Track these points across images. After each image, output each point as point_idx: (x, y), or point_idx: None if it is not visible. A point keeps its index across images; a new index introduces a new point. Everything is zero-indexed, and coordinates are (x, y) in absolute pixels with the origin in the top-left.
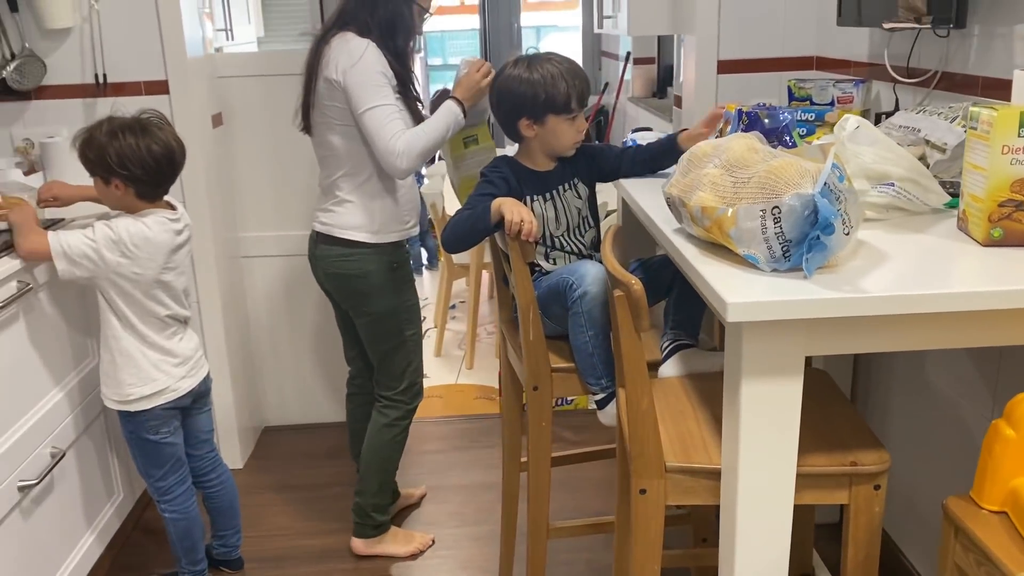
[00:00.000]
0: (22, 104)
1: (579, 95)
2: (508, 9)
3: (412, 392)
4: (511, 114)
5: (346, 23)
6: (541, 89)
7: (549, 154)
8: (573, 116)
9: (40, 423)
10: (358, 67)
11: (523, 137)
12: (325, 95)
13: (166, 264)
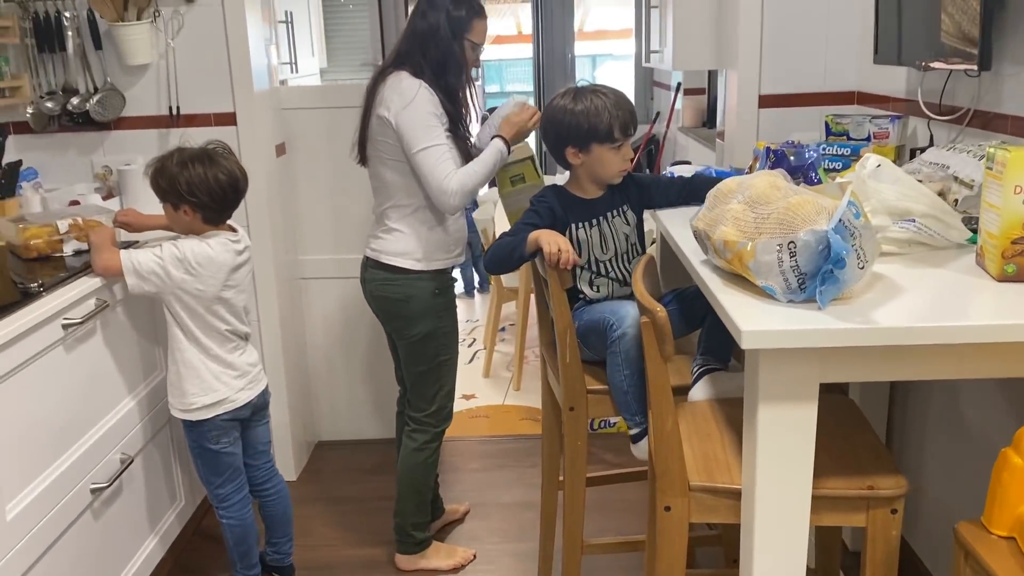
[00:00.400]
0: (103, 134)
1: (623, 125)
2: (562, 39)
3: (441, 416)
4: (558, 143)
5: (401, 63)
6: (585, 119)
7: (596, 181)
8: (618, 145)
9: (112, 430)
10: (410, 108)
11: (571, 165)
12: (378, 131)
13: (227, 282)
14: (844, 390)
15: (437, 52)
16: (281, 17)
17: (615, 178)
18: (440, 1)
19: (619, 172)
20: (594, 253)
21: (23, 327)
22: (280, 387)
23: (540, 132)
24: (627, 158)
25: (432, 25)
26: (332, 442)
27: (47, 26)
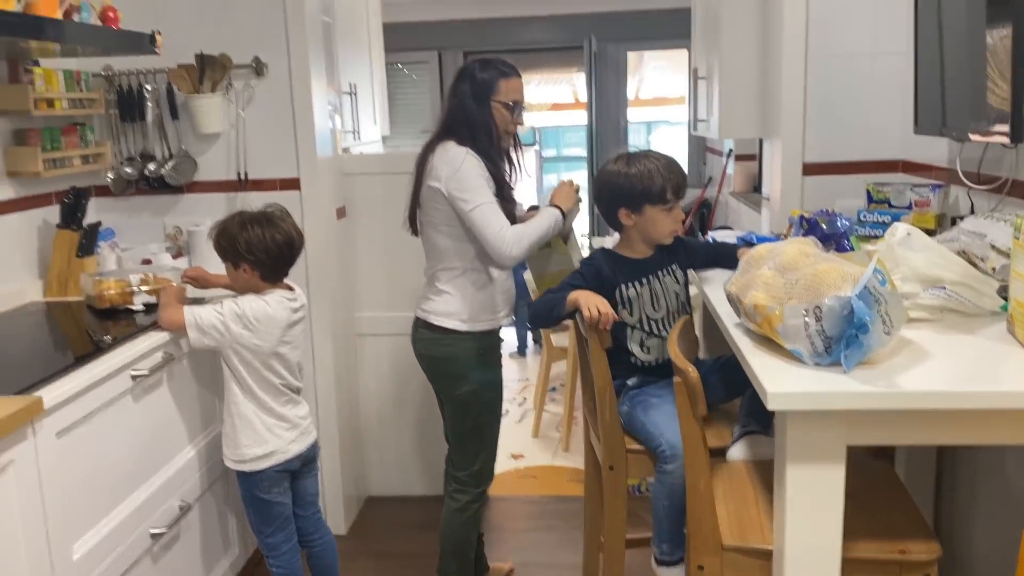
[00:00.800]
0: (176, 197)
1: (674, 187)
2: (615, 106)
3: (481, 476)
4: (612, 204)
5: (446, 134)
6: (638, 182)
7: (647, 242)
8: (669, 207)
9: (173, 478)
10: (458, 174)
11: (623, 226)
12: (429, 200)
13: (282, 338)
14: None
15: (471, 119)
16: (346, 88)
17: (666, 238)
18: (469, 68)
19: (670, 232)
20: (645, 311)
21: (95, 377)
22: (332, 441)
23: (593, 196)
24: (678, 219)
25: (462, 93)
26: (382, 497)
27: (129, 98)
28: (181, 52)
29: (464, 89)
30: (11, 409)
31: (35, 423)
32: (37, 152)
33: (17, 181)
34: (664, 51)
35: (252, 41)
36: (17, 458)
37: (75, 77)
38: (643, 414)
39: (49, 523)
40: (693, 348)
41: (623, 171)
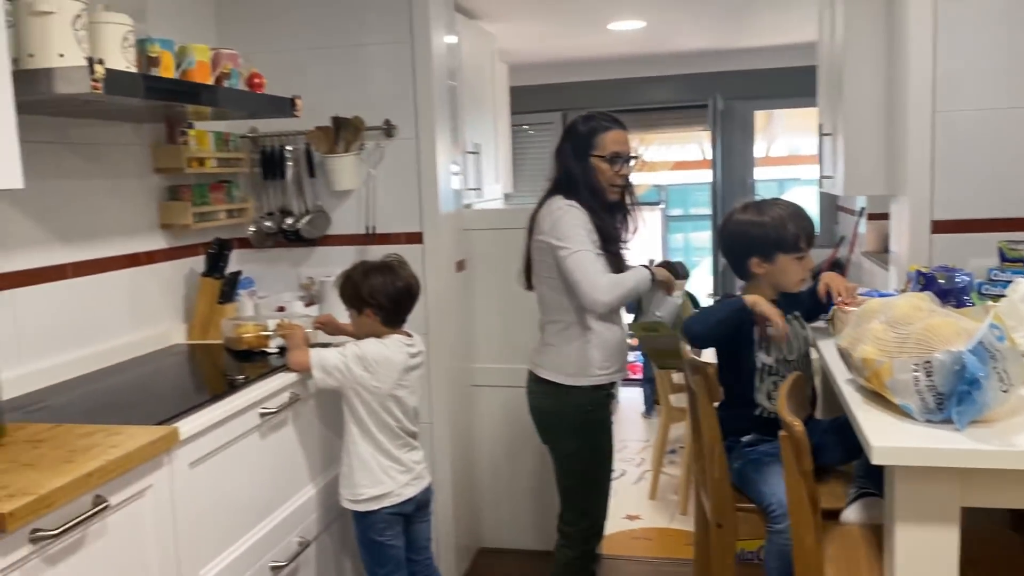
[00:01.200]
0: (310, 249)
1: (807, 236)
2: (742, 165)
3: (590, 532)
4: (743, 253)
5: (553, 191)
6: (771, 230)
7: (776, 290)
8: (801, 255)
9: (293, 514)
10: (558, 224)
11: (752, 275)
12: (536, 253)
13: (399, 381)
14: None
15: (572, 175)
16: (470, 148)
17: (795, 287)
18: (572, 125)
19: (800, 282)
20: (783, 351)
21: (227, 412)
22: (446, 489)
23: (721, 246)
24: (808, 268)
25: (565, 151)
26: (494, 549)
27: (271, 157)
28: (319, 115)
29: (566, 147)
30: (151, 438)
31: (171, 452)
32: (188, 207)
33: (169, 232)
34: (796, 109)
35: (384, 104)
36: (154, 483)
37: (224, 138)
38: (755, 472)
39: (180, 547)
40: (805, 406)
41: (754, 219)
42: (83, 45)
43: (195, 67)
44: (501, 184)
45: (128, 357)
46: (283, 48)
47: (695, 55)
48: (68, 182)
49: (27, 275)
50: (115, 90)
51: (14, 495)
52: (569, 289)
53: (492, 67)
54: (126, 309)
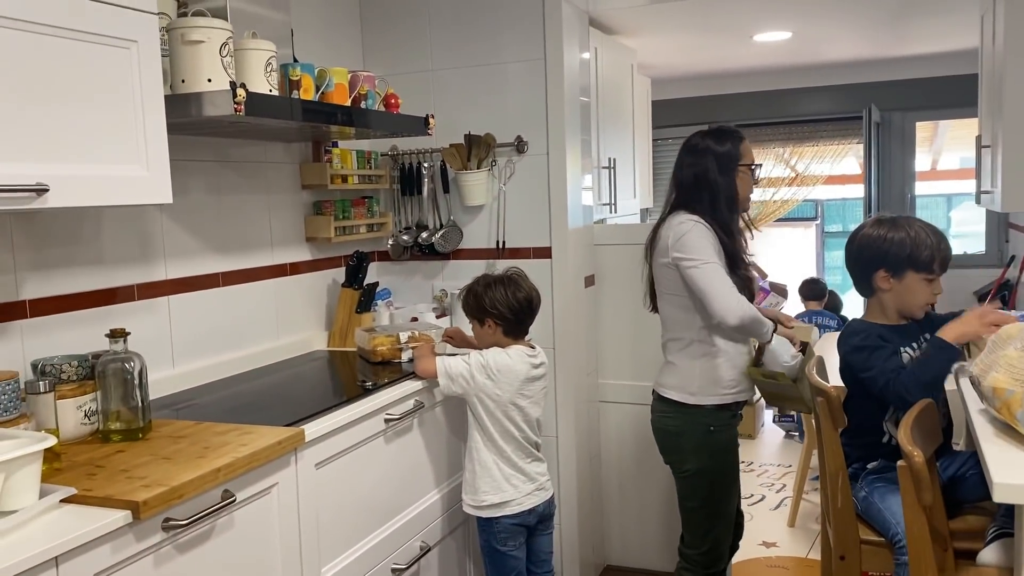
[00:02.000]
0: (443, 263)
1: (943, 260)
2: (901, 179)
3: (711, 557)
4: (870, 266)
5: (677, 206)
6: (909, 246)
7: (900, 311)
8: (932, 278)
9: (415, 519)
10: (683, 239)
11: (876, 290)
12: (659, 270)
13: (521, 390)
14: None
15: (715, 189)
16: (604, 163)
17: (919, 312)
18: (700, 146)
19: (924, 306)
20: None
21: (352, 417)
22: (571, 503)
23: (848, 259)
24: (936, 293)
25: (701, 171)
26: (620, 568)
27: (409, 174)
28: (455, 132)
29: (705, 167)
30: (278, 438)
31: (297, 452)
32: (331, 221)
33: (314, 245)
34: (965, 120)
35: (516, 121)
36: (280, 482)
37: (366, 156)
38: (880, 500)
39: (304, 544)
40: (935, 436)
41: (887, 234)
42: (229, 71)
43: (334, 89)
44: (639, 199)
45: (272, 361)
46: (422, 68)
47: (847, 65)
48: (225, 197)
49: (182, 283)
50: (255, 111)
51: (150, 485)
52: (695, 305)
53: (631, 81)
54: (272, 316)
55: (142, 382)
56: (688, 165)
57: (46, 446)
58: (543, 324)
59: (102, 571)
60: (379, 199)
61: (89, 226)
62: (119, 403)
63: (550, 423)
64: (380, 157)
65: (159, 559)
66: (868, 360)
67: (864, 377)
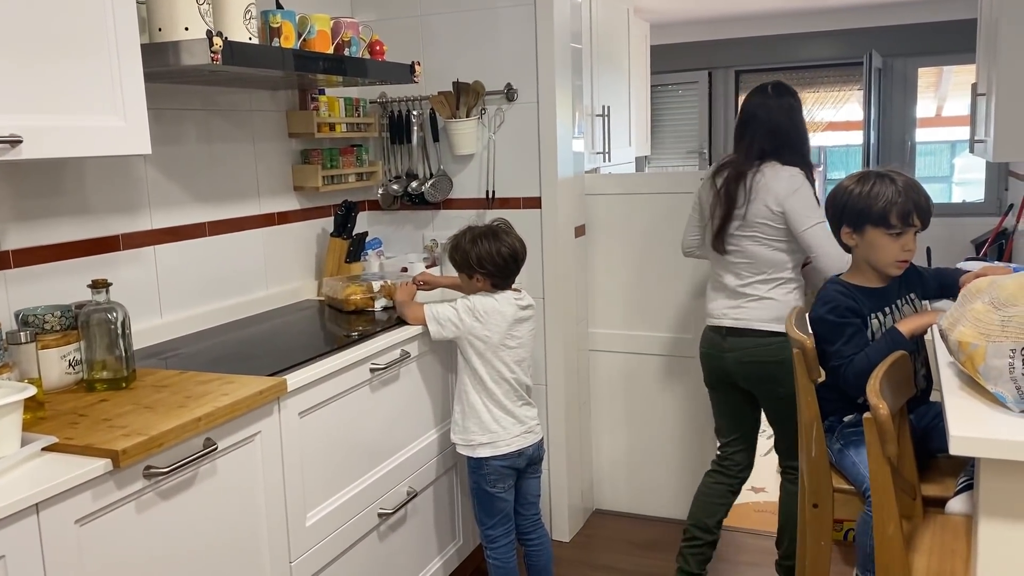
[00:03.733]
0: (433, 212)
1: (901, 213)
2: (902, 126)
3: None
4: (835, 221)
5: (769, 155)
6: (861, 200)
7: (874, 269)
8: (895, 232)
9: (402, 466)
10: (798, 195)
11: (847, 247)
12: (759, 217)
13: (509, 331)
14: None
15: (807, 146)
16: (598, 111)
17: (891, 268)
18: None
19: (894, 262)
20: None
21: (337, 367)
22: (561, 450)
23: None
24: (906, 248)
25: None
26: (610, 512)
27: (399, 122)
28: (444, 80)
29: (789, 104)
30: (260, 387)
31: (281, 401)
32: (318, 170)
33: (302, 194)
34: (970, 66)
35: (506, 69)
36: (264, 430)
37: (354, 104)
38: (855, 452)
39: (288, 490)
40: (907, 388)
41: (851, 187)
42: (207, 19)
43: (316, 36)
44: (634, 147)
45: (260, 311)
46: (411, 13)
47: (849, 9)
48: (211, 146)
49: (169, 232)
50: (233, 61)
51: (130, 434)
52: (790, 248)
53: (627, 26)
54: (260, 266)
55: (125, 332)
56: (782, 111)
57: (25, 396)
58: (532, 274)
59: (83, 517)
60: (368, 148)
61: (71, 176)
62: (104, 353)
63: (540, 371)
64: (369, 105)
65: (141, 506)
66: (831, 334)
67: (823, 348)
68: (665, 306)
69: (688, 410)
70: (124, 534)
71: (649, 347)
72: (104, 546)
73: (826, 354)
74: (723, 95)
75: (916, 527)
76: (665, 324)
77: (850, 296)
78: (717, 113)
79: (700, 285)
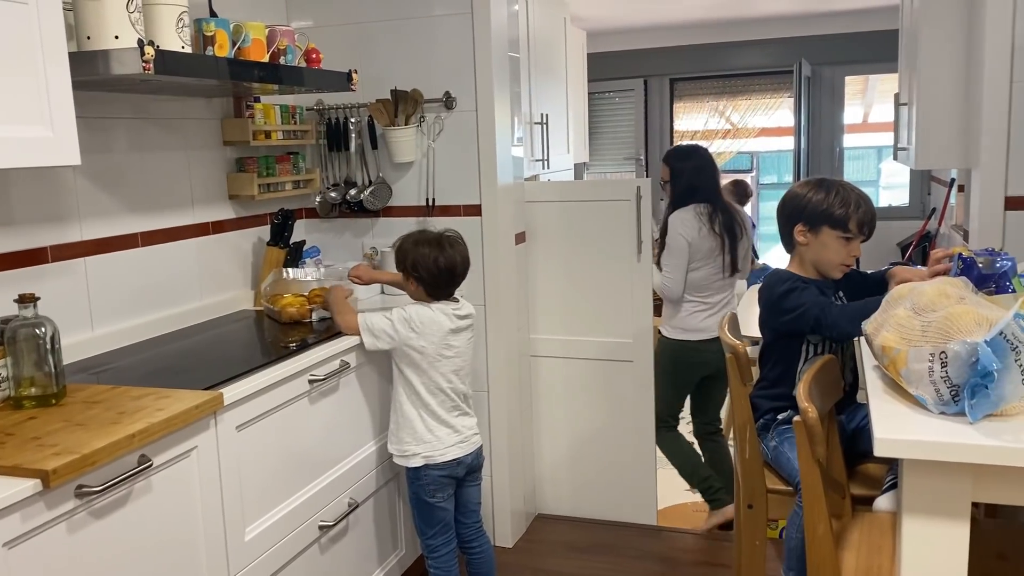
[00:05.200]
0: (373, 220)
1: (859, 222)
2: (831, 132)
3: None
4: (791, 218)
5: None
6: (823, 202)
7: (817, 267)
8: (847, 237)
9: (343, 477)
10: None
11: (796, 244)
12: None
13: (445, 341)
14: None
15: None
16: (536, 119)
17: (834, 271)
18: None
19: (839, 266)
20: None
21: (275, 379)
22: (503, 456)
23: (777, 214)
24: (853, 255)
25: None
26: (552, 516)
27: (336, 130)
28: (383, 87)
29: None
30: (196, 402)
31: (217, 415)
32: (253, 178)
33: (237, 203)
34: (895, 74)
35: (445, 76)
36: (200, 445)
37: (291, 111)
38: (790, 450)
39: (226, 505)
40: (836, 390)
41: (811, 190)
42: (138, 27)
43: (251, 44)
44: (573, 154)
45: (196, 322)
46: (349, 20)
47: (780, 19)
48: (144, 155)
49: (100, 244)
50: (166, 70)
51: (60, 453)
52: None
53: (564, 34)
54: (195, 276)
55: (54, 347)
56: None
57: None
58: (474, 281)
59: (12, 540)
60: (305, 155)
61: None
62: (32, 369)
63: (481, 378)
64: (305, 112)
65: (73, 526)
66: (800, 298)
67: (795, 315)
68: (602, 311)
69: (627, 412)
70: (56, 556)
71: (587, 352)
72: (35, 569)
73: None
74: (659, 103)
75: (845, 525)
76: (603, 329)
77: (801, 277)
78: (653, 120)
79: (635, 292)
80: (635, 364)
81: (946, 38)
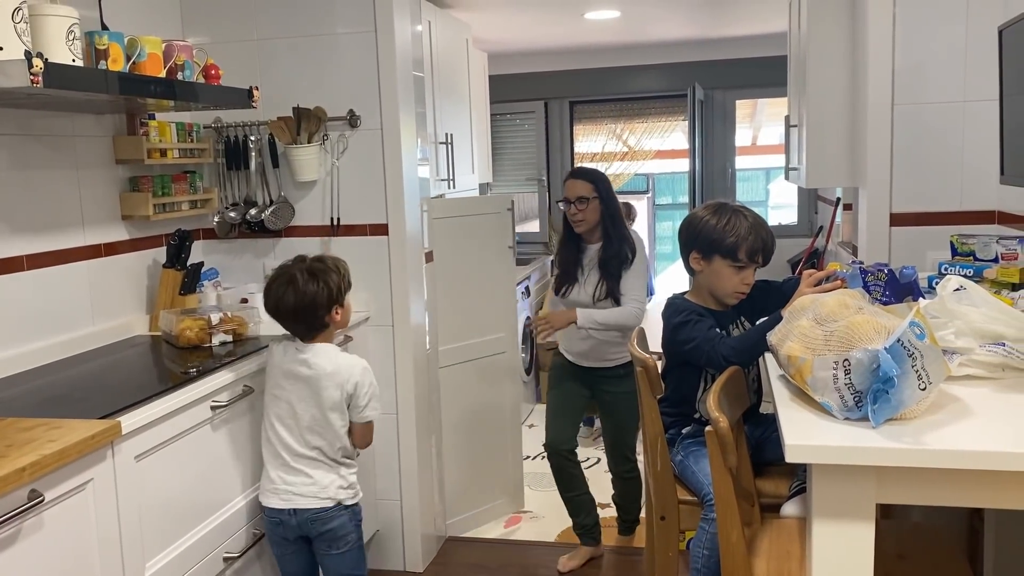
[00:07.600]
0: (275, 240)
1: (750, 250)
2: (723, 154)
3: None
4: (687, 245)
5: None
6: (714, 231)
7: (713, 295)
8: (739, 266)
9: (247, 506)
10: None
11: (693, 271)
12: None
13: (275, 380)
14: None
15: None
16: (441, 139)
17: (729, 298)
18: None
19: (733, 293)
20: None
21: (175, 406)
22: (412, 479)
23: (678, 237)
24: (746, 283)
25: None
26: (461, 539)
27: (235, 148)
28: (285, 105)
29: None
30: (91, 432)
31: (114, 445)
32: (148, 198)
33: (131, 223)
34: (782, 98)
35: (349, 95)
36: (96, 477)
37: (187, 129)
38: (694, 463)
39: (125, 540)
40: (743, 400)
41: (707, 217)
42: (24, 38)
43: (146, 59)
44: (477, 174)
45: (88, 348)
46: (247, 37)
47: (674, 44)
48: (28, 173)
49: None
50: (56, 83)
51: None
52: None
53: (467, 56)
54: (86, 301)
55: None
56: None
57: None
58: (381, 303)
59: None
60: (202, 174)
61: None
62: None
63: (391, 401)
64: (203, 130)
65: None
66: (692, 331)
67: (688, 348)
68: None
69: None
70: None
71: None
72: None
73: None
74: (559, 124)
75: (755, 532)
76: (488, 327)
77: (696, 307)
78: (554, 141)
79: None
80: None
81: (832, 63)
